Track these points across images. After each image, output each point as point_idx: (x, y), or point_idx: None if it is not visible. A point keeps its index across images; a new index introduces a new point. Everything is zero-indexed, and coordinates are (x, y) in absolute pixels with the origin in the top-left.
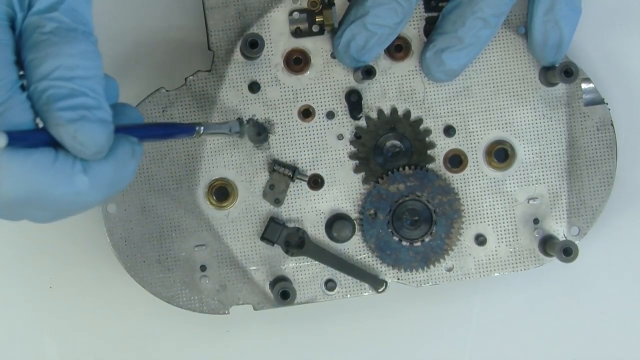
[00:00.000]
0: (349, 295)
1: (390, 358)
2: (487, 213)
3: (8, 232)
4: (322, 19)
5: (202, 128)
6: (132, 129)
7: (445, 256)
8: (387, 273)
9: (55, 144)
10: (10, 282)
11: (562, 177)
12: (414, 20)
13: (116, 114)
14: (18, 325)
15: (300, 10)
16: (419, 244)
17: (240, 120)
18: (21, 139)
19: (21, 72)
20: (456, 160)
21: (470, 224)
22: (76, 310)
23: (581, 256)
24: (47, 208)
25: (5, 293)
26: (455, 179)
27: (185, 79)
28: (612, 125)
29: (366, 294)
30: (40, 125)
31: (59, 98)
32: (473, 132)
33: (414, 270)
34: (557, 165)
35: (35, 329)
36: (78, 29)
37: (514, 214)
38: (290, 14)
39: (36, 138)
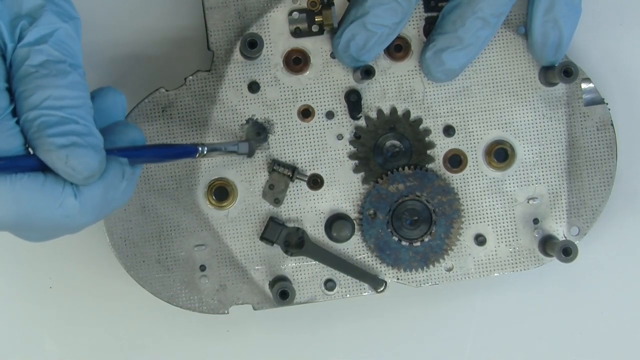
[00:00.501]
0: (348, 295)
1: (390, 358)
2: (487, 213)
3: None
4: (321, 19)
5: (205, 148)
6: (129, 151)
7: (445, 256)
8: (386, 273)
9: (44, 169)
10: (10, 282)
11: (562, 177)
12: (413, 20)
13: (116, 133)
14: (18, 325)
15: (300, 10)
16: (418, 243)
17: (249, 141)
18: (10, 166)
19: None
20: (456, 160)
21: (470, 224)
22: (76, 310)
23: (581, 256)
24: (37, 230)
25: (5, 293)
26: (455, 179)
27: (185, 78)
28: (612, 125)
29: (366, 294)
30: (31, 152)
31: (49, 125)
32: (473, 132)
33: (413, 270)
34: (557, 165)
35: (35, 329)
36: (66, 62)
37: (513, 214)
38: (290, 13)
39: (25, 163)
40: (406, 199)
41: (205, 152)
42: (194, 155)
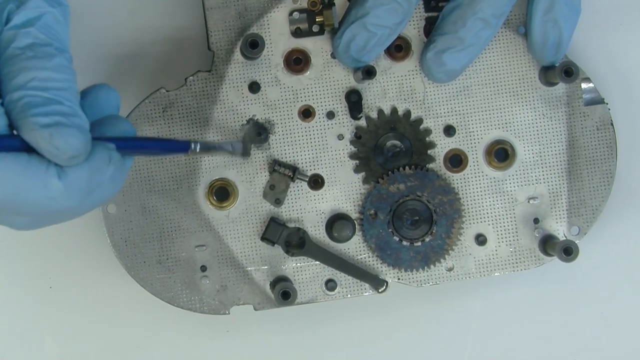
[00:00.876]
0: (349, 295)
1: (390, 358)
2: (488, 213)
3: (8, 232)
4: (322, 19)
5: (197, 145)
6: (119, 142)
7: (446, 256)
8: (387, 273)
9: (28, 150)
10: (10, 282)
11: (562, 176)
12: (414, 20)
13: (107, 124)
14: (18, 325)
15: (300, 10)
16: (419, 243)
17: (244, 142)
18: None
19: None
20: (456, 160)
21: (470, 223)
22: (76, 310)
23: (581, 256)
24: (23, 213)
25: (5, 293)
26: (456, 178)
27: (185, 79)
28: (612, 124)
29: (367, 294)
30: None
31: (33, 105)
32: (473, 132)
33: (414, 270)
34: (557, 165)
35: (35, 329)
36: (52, 45)
37: (514, 213)
38: (290, 14)
39: (9, 143)
40: (407, 199)
41: (198, 150)
42: (186, 151)
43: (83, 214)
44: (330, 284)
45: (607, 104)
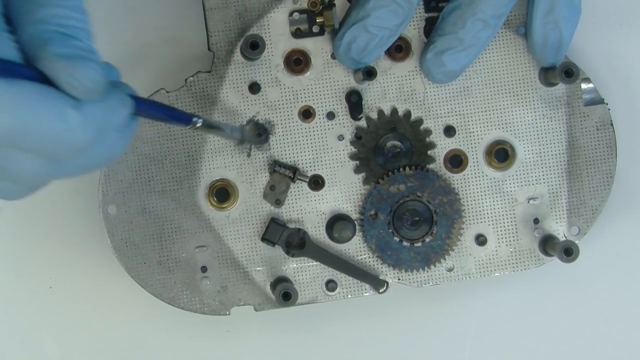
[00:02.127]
0: (349, 296)
1: (390, 358)
2: (488, 213)
3: (8, 232)
4: (322, 19)
5: (200, 121)
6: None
7: (446, 256)
8: (387, 273)
9: (45, 82)
10: (10, 282)
11: (562, 177)
12: (414, 21)
13: (113, 87)
14: (18, 325)
15: (301, 11)
16: (419, 244)
17: (242, 127)
18: (9, 70)
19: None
20: (456, 161)
21: (470, 224)
22: (76, 310)
23: (581, 256)
24: (34, 149)
25: (5, 293)
26: (456, 179)
27: (185, 80)
28: (611, 125)
29: (367, 294)
30: None
31: (53, 38)
32: (473, 132)
33: (414, 270)
34: (557, 165)
35: (35, 329)
36: None
37: (514, 214)
38: (291, 14)
39: (25, 73)
40: (407, 200)
41: (198, 125)
42: (188, 123)
43: (88, 171)
44: (331, 285)
45: (607, 104)
